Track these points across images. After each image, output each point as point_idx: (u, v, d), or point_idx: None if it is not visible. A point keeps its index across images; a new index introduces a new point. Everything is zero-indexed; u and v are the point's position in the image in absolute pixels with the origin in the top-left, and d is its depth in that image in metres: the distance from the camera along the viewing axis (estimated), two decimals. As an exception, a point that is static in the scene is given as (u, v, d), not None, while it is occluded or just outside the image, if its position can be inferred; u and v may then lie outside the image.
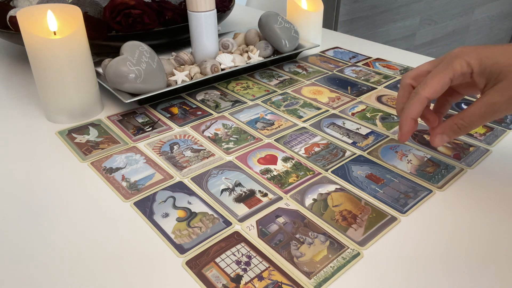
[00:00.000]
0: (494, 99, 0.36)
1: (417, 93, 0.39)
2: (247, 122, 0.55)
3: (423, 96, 0.38)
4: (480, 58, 0.37)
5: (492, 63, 0.36)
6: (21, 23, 0.49)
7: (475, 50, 0.37)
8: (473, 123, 0.38)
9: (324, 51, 0.81)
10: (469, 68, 0.37)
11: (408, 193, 0.42)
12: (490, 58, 0.36)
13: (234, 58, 0.67)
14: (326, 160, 0.47)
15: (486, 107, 0.37)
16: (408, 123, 0.40)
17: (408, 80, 0.42)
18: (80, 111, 0.55)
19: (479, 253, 0.35)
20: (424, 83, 0.38)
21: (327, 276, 0.33)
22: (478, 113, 0.38)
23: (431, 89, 0.38)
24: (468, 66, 0.37)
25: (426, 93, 0.38)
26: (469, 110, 0.38)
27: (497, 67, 0.36)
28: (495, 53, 0.36)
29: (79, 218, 0.39)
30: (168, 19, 0.69)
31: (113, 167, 0.46)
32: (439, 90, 0.38)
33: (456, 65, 0.37)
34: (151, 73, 0.56)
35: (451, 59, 0.38)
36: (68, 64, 0.51)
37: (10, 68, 0.74)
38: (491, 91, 0.36)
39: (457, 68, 0.37)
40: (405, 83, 0.42)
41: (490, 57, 0.36)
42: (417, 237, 0.37)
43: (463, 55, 0.37)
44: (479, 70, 0.37)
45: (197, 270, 0.34)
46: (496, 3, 2.56)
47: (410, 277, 0.33)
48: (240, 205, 0.41)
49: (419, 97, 0.39)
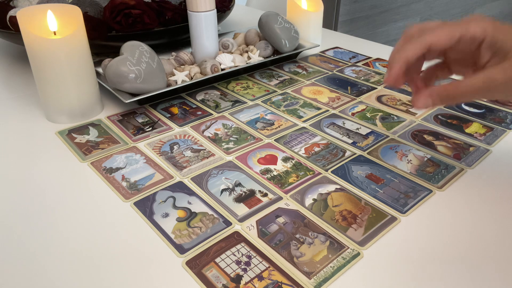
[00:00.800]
0: (496, 75, 0.35)
1: (419, 37, 0.36)
2: (247, 122, 0.56)
3: (427, 40, 0.36)
4: (496, 30, 0.35)
5: (505, 39, 0.35)
6: (21, 23, 0.49)
7: (492, 22, 0.36)
8: (465, 94, 0.36)
9: (324, 51, 0.81)
10: (483, 35, 0.35)
11: (408, 193, 0.42)
12: (505, 34, 0.35)
13: (234, 58, 0.67)
14: (326, 160, 0.47)
15: (484, 81, 0.35)
16: (400, 64, 0.36)
17: (413, 29, 0.39)
18: (80, 111, 0.55)
19: (479, 253, 0.35)
20: (432, 31, 0.36)
21: (327, 276, 0.33)
22: (475, 85, 0.36)
23: (437, 37, 0.35)
24: (482, 32, 0.35)
25: (432, 39, 0.36)
26: (466, 80, 0.36)
27: (508, 45, 0.35)
28: (510, 32, 0.35)
29: (79, 218, 0.39)
30: (168, 19, 0.69)
31: (113, 167, 0.46)
32: (445, 41, 0.36)
33: (471, 26, 0.35)
34: (151, 73, 0.56)
35: (468, 20, 0.36)
36: (68, 64, 0.51)
37: (10, 68, 0.74)
38: (495, 67, 0.35)
39: (472, 29, 0.35)
40: (410, 32, 0.39)
41: (505, 33, 0.35)
42: (417, 237, 0.37)
43: (482, 20, 0.35)
44: (490, 40, 0.35)
45: (197, 270, 0.34)
46: (496, 3, 2.56)
47: (410, 277, 0.33)
48: (240, 205, 0.41)
49: (422, 40, 0.36)
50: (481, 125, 0.54)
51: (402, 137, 0.52)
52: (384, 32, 2.00)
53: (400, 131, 0.53)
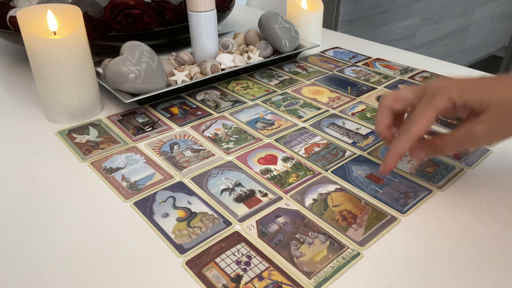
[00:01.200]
0: (474, 129, 0.37)
1: (408, 131, 0.39)
2: (247, 122, 0.56)
3: (413, 134, 0.39)
4: (461, 91, 0.37)
5: (472, 97, 0.37)
6: (21, 23, 0.49)
7: (456, 83, 0.38)
8: (452, 147, 0.39)
9: (324, 51, 0.81)
10: (451, 102, 0.38)
11: (408, 193, 0.42)
12: (470, 92, 0.37)
13: (234, 58, 0.67)
14: (326, 160, 0.47)
15: (466, 134, 0.38)
16: (395, 158, 0.40)
17: (388, 101, 0.42)
18: (80, 111, 0.55)
19: (479, 253, 0.35)
20: (415, 122, 0.39)
21: (327, 276, 0.33)
22: (458, 139, 0.38)
23: (420, 128, 0.38)
24: (450, 101, 0.38)
25: (417, 131, 0.39)
26: (451, 134, 0.39)
27: (477, 100, 0.37)
28: (473, 87, 0.37)
29: (79, 218, 0.39)
30: (168, 19, 0.69)
31: (113, 167, 0.46)
32: (427, 127, 0.39)
33: (438, 102, 0.38)
34: (151, 73, 0.56)
35: (433, 95, 0.38)
36: (68, 64, 0.51)
37: (10, 68, 0.74)
38: (473, 120, 0.37)
39: (440, 104, 0.38)
40: (385, 104, 0.42)
41: (470, 91, 0.37)
42: (417, 237, 0.37)
43: (444, 90, 0.38)
44: (460, 103, 0.37)
45: (197, 270, 0.34)
46: (496, 3, 2.56)
47: (410, 277, 0.33)
48: (240, 205, 0.41)
49: (410, 135, 0.39)
50: (481, 125, 0.54)
51: (402, 137, 0.52)
52: (384, 32, 2.00)
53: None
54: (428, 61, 0.76)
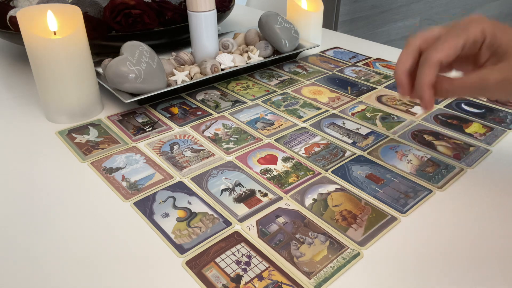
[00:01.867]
0: (490, 75, 0.35)
1: (428, 58, 0.37)
2: (247, 122, 0.55)
3: (435, 61, 0.36)
4: (495, 30, 0.36)
5: (503, 40, 0.35)
6: (21, 23, 0.49)
7: (491, 21, 0.36)
8: (459, 91, 0.38)
9: (324, 51, 0.81)
10: (483, 37, 0.36)
11: (408, 193, 0.42)
12: (504, 34, 0.36)
13: (234, 58, 0.67)
14: (326, 160, 0.47)
15: (478, 80, 0.36)
16: (426, 90, 0.37)
17: (417, 40, 0.39)
18: (80, 111, 0.55)
19: (480, 253, 0.35)
20: (436, 47, 0.36)
21: (327, 276, 0.33)
22: (468, 83, 0.36)
23: (444, 53, 0.36)
24: (482, 34, 0.36)
25: (439, 56, 0.36)
26: (462, 78, 0.37)
27: (505, 46, 0.35)
28: (508, 33, 0.36)
29: (79, 218, 0.39)
30: (168, 19, 0.69)
31: (113, 167, 0.46)
32: (452, 54, 0.36)
33: (472, 30, 0.36)
34: (151, 73, 0.56)
35: (468, 23, 0.36)
36: (68, 64, 0.51)
37: (10, 68, 0.74)
38: (490, 67, 0.36)
39: (472, 34, 0.36)
40: (413, 42, 0.39)
41: (504, 33, 0.36)
42: (417, 237, 0.37)
43: (480, 22, 0.36)
44: (490, 41, 0.36)
45: (197, 270, 0.34)
46: (496, 3, 2.56)
47: (410, 277, 0.33)
48: (240, 205, 0.41)
49: (431, 61, 0.36)
50: (481, 125, 0.54)
51: (402, 137, 0.52)
52: (384, 32, 2.00)
53: (400, 131, 0.53)
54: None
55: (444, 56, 0.36)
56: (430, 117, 0.56)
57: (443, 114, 0.57)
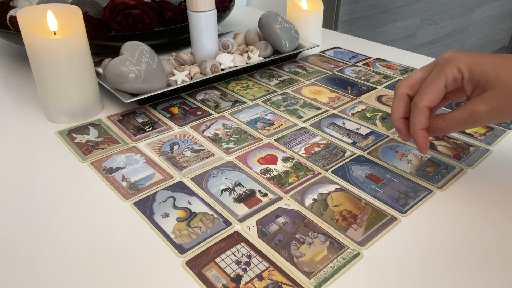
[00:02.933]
0: (477, 108, 0.37)
1: (416, 105, 0.39)
2: (247, 122, 0.56)
3: (421, 106, 0.39)
4: (470, 64, 0.37)
5: (480, 72, 0.36)
6: (21, 23, 0.49)
7: (465, 56, 0.38)
8: (452, 127, 0.39)
9: (324, 51, 0.81)
10: (460, 74, 0.37)
11: (408, 193, 0.42)
12: (479, 66, 0.37)
13: (234, 58, 0.67)
14: (326, 160, 0.47)
15: (468, 114, 0.37)
16: (419, 135, 0.40)
17: (403, 89, 0.42)
18: (80, 111, 0.55)
19: (479, 253, 0.35)
20: (420, 93, 0.39)
21: (327, 276, 0.33)
22: (459, 118, 0.38)
23: (428, 99, 0.39)
24: (459, 72, 0.37)
25: (424, 102, 0.39)
26: (452, 114, 0.39)
27: (485, 77, 0.36)
28: (483, 62, 0.37)
29: (79, 218, 0.39)
30: (168, 19, 0.69)
31: (113, 167, 0.46)
32: (436, 98, 0.39)
33: (447, 71, 0.38)
34: (151, 73, 0.56)
35: (442, 65, 0.38)
36: (68, 64, 0.51)
37: (10, 68, 0.74)
38: (476, 99, 0.37)
39: (449, 74, 0.38)
40: (400, 92, 0.42)
41: (479, 65, 0.37)
42: (417, 237, 0.37)
43: (454, 61, 0.38)
44: (468, 76, 0.37)
45: (197, 270, 0.34)
46: (496, 3, 2.56)
47: (410, 277, 0.33)
48: (240, 205, 0.41)
49: (418, 108, 0.39)
50: (481, 125, 0.54)
51: (402, 137, 0.52)
52: (384, 32, 2.00)
53: (400, 131, 0.53)
54: (428, 61, 0.76)
55: (429, 101, 0.38)
56: (430, 117, 0.56)
57: (443, 114, 0.57)
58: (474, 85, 0.37)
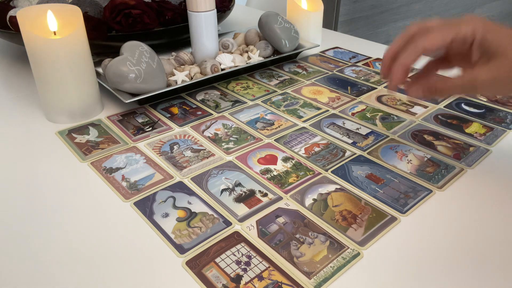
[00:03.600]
0: (479, 75, 0.37)
1: (415, 43, 0.38)
2: (247, 122, 0.55)
3: (421, 47, 0.38)
4: (486, 31, 0.37)
5: (493, 39, 0.37)
6: (21, 23, 0.49)
7: (484, 23, 0.38)
8: (450, 89, 0.39)
9: (324, 51, 0.81)
10: (473, 35, 0.37)
11: (408, 193, 0.42)
12: (494, 34, 0.37)
13: (234, 58, 0.67)
14: (326, 160, 0.47)
15: (468, 80, 0.38)
16: (400, 71, 0.39)
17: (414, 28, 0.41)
18: (80, 111, 0.55)
19: (479, 253, 0.35)
20: (425, 34, 0.38)
21: (327, 276, 0.33)
22: (460, 83, 0.38)
23: (430, 42, 0.38)
24: (472, 34, 0.37)
25: (425, 44, 0.38)
26: (453, 79, 0.39)
27: (495, 45, 0.36)
28: (499, 32, 0.37)
29: (79, 218, 0.39)
30: (168, 19, 0.69)
31: (113, 167, 0.46)
32: (437, 45, 0.38)
33: (462, 28, 0.37)
34: (151, 73, 0.56)
35: (460, 22, 0.38)
36: (68, 64, 0.51)
37: (10, 68, 0.74)
38: (479, 67, 0.37)
39: (462, 31, 0.37)
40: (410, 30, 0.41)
41: (494, 34, 0.37)
42: (417, 237, 0.37)
43: (473, 21, 0.38)
44: (480, 41, 0.37)
45: (197, 270, 0.34)
46: (496, 3, 2.56)
47: (410, 277, 0.33)
48: (240, 205, 0.41)
49: (416, 46, 0.38)
50: (481, 125, 0.54)
51: (402, 137, 0.52)
52: (384, 32, 2.00)
53: (400, 131, 0.53)
54: (428, 61, 0.76)
55: (430, 45, 0.38)
56: (430, 117, 0.56)
57: (443, 114, 0.57)
58: (483, 52, 0.37)
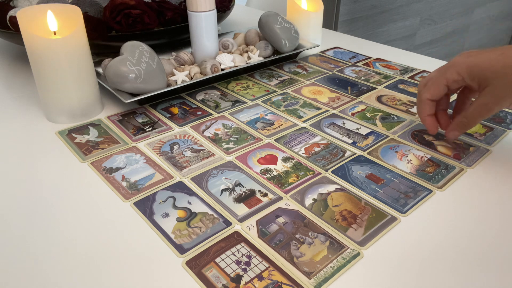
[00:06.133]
0: (485, 100, 0.43)
1: (420, 97, 0.48)
2: (247, 122, 0.56)
3: (424, 99, 0.47)
4: (469, 67, 0.43)
5: (479, 71, 0.42)
6: (21, 23, 0.49)
7: (467, 59, 0.43)
8: (474, 120, 0.45)
9: (324, 51, 0.81)
10: (460, 76, 0.44)
11: (408, 193, 0.42)
12: (477, 67, 0.43)
13: (234, 58, 0.67)
14: (326, 160, 0.47)
15: (481, 107, 0.44)
16: (426, 120, 0.48)
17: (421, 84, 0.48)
18: (80, 111, 0.55)
19: (480, 253, 0.35)
20: (426, 88, 0.47)
21: (327, 276, 0.33)
22: (476, 112, 0.45)
23: (430, 93, 0.47)
24: (458, 75, 0.44)
25: (427, 95, 0.47)
26: (469, 110, 0.45)
27: (483, 74, 0.42)
28: (481, 62, 0.42)
29: (79, 218, 0.39)
30: (168, 19, 0.69)
31: (113, 167, 0.46)
32: (437, 93, 0.46)
33: (448, 75, 0.45)
34: (151, 73, 0.56)
35: (446, 68, 0.45)
36: (68, 64, 0.51)
37: (10, 68, 0.74)
38: (482, 93, 0.43)
39: (449, 77, 0.45)
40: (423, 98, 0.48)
41: (478, 66, 0.43)
42: (417, 237, 0.37)
43: (455, 66, 0.44)
44: (468, 78, 0.43)
45: (197, 270, 0.34)
46: (496, 3, 2.56)
47: (410, 277, 0.33)
48: (240, 205, 0.41)
49: (422, 99, 0.47)
50: (481, 125, 0.54)
51: (402, 137, 0.52)
52: (384, 32, 2.00)
53: (400, 131, 0.53)
54: (428, 61, 0.76)
55: (431, 95, 0.46)
56: (430, 117, 0.56)
57: (443, 114, 0.57)
58: (478, 83, 0.43)
